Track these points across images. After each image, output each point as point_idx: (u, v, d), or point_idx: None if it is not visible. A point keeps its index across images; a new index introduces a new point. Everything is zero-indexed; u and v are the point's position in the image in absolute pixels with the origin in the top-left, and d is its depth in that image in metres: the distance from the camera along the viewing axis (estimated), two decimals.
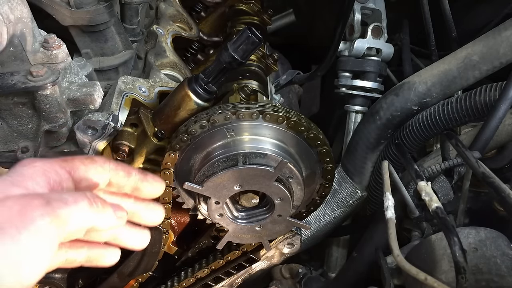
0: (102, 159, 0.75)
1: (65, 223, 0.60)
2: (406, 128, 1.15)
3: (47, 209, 0.58)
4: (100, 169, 0.74)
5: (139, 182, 0.78)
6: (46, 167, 0.67)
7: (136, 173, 0.77)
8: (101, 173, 0.74)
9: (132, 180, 0.77)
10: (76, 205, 0.62)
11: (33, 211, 0.57)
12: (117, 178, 0.76)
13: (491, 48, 1.04)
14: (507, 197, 0.82)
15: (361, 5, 1.48)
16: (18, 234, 0.55)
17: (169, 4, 1.43)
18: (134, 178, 0.77)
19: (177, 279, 1.24)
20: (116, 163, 0.77)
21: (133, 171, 0.78)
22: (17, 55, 0.83)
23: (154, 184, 0.79)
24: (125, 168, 0.77)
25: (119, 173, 0.76)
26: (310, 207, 1.08)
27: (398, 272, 1.02)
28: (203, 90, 0.95)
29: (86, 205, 0.63)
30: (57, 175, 0.67)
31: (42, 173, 0.65)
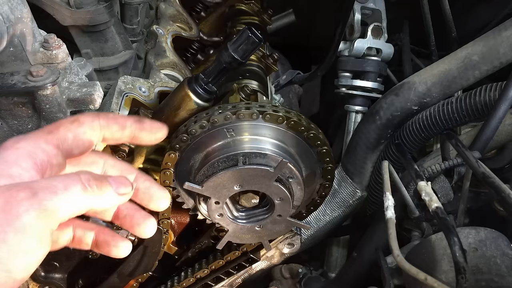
0: (89, 117, 0.69)
1: (54, 213, 0.56)
2: (406, 128, 1.15)
3: (32, 202, 0.54)
4: (89, 130, 0.68)
5: (136, 132, 0.73)
6: (30, 146, 0.62)
7: (132, 123, 0.72)
8: (92, 133, 0.69)
9: (128, 131, 0.72)
10: (67, 192, 0.57)
11: (18, 206, 0.53)
12: (111, 133, 0.71)
13: (491, 48, 1.04)
14: (507, 197, 0.82)
15: (361, 5, 1.49)
16: (3, 232, 0.52)
17: (169, 4, 1.43)
18: (130, 128, 0.72)
19: (177, 279, 1.24)
20: (106, 117, 0.71)
21: (127, 121, 0.72)
22: (17, 55, 0.83)
23: (153, 130, 0.74)
24: (119, 121, 0.71)
25: (112, 127, 0.71)
26: (310, 207, 1.08)
27: (398, 272, 1.02)
28: (203, 90, 0.95)
29: (79, 190, 0.58)
30: (44, 153, 0.62)
31: (27, 155, 0.60)
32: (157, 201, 0.73)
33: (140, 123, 0.73)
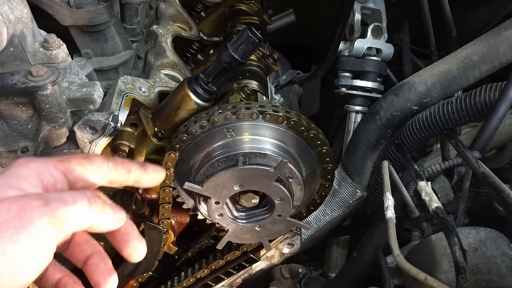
0: (100, 158, 0.74)
1: (64, 223, 0.59)
2: (406, 128, 1.15)
3: (45, 210, 0.58)
4: (98, 170, 0.73)
5: (140, 176, 0.77)
6: (41, 168, 0.67)
7: (136, 168, 0.77)
8: (99, 173, 0.73)
9: (132, 176, 0.77)
10: (75, 205, 0.61)
11: (32, 212, 0.57)
12: (117, 176, 0.75)
13: (491, 48, 1.04)
14: (507, 197, 0.82)
15: (361, 5, 1.49)
16: (16, 234, 0.55)
17: (169, 4, 1.43)
18: (135, 173, 0.77)
19: (177, 279, 1.24)
20: (115, 161, 0.76)
21: (132, 166, 0.77)
22: (17, 55, 0.83)
23: (155, 175, 0.79)
24: (125, 165, 0.76)
25: (119, 171, 0.75)
26: (310, 207, 1.08)
27: (398, 272, 1.02)
28: (203, 90, 0.95)
29: (85, 204, 0.62)
30: (51, 177, 0.67)
31: (36, 175, 0.65)
32: (131, 250, 0.74)
33: (144, 169, 0.78)
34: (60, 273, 0.75)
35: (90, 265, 0.74)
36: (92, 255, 0.75)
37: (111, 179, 0.75)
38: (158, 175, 0.81)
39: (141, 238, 0.75)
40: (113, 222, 0.68)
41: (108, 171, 0.74)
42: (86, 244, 0.76)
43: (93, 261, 0.74)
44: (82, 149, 0.94)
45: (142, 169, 0.78)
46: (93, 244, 0.77)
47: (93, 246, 0.77)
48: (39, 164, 0.67)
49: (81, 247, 0.76)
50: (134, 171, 0.77)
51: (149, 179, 0.79)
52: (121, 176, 0.76)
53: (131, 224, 0.76)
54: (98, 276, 0.72)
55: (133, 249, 0.74)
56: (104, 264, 0.74)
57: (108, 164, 0.74)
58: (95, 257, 0.75)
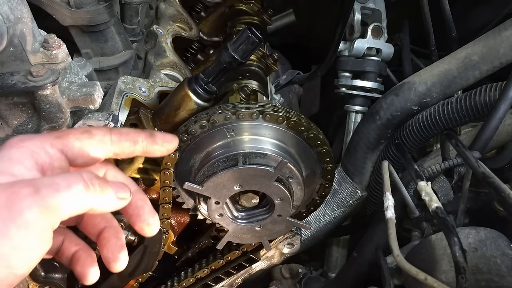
0: (101, 131, 0.69)
1: (57, 211, 0.56)
2: (406, 128, 1.15)
3: (35, 199, 0.54)
4: (99, 144, 0.68)
5: (148, 146, 0.73)
6: (35, 146, 0.62)
7: (144, 139, 0.72)
8: (101, 147, 0.69)
9: (140, 146, 0.72)
10: (69, 190, 0.57)
11: (21, 202, 0.54)
12: (122, 149, 0.71)
13: (491, 48, 1.04)
14: (507, 197, 0.82)
15: (361, 5, 1.49)
16: (5, 227, 0.52)
17: (169, 4, 1.43)
18: (142, 143, 0.72)
19: (177, 279, 1.24)
20: (119, 133, 0.71)
21: (139, 137, 0.72)
22: (17, 55, 0.83)
23: (165, 145, 0.75)
24: (130, 136, 0.71)
25: (124, 143, 0.71)
26: (310, 207, 1.08)
27: (398, 272, 1.02)
28: (203, 90, 0.95)
29: (81, 188, 0.58)
30: (47, 155, 0.63)
31: (30, 155, 0.61)
32: (145, 225, 0.71)
33: (152, 138, 0.73)
34: (76, 246, 0.72)
35: (102, 240, 0.71)
36: (105, 229, 0.71)
37: (115, 152, 0.71)
38: (169, 144, 0.76)
39: (154, 212, 0.72)
40: (115, 203, 0.63)
41: (111, 144, 0.70)
42: (98, 217, 0.73)
43: (105, 235, 0.71)
44: None
45: (150, 139, 0.73)
46: (106, 217, 0.73)
47: (106, 220, 0.73)
48: (33, 142, 0.62)
49: (93, 220, 0.72)
50: (141, 142, 0.72)
51: (159, 149, 0.75)
52: (127, 148, 0.71)
53: (143, 198, 0.72)
54: (108, 251, 0.69)
55: (145, 223, 0.71)
56: (115, 240, 0.71)
57: (110, 136, 0.70)
58: (107, 231, 0.71)
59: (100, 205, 0.61)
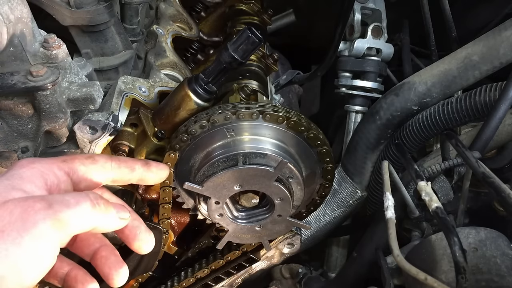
0: (103, 158, 0.75)
1: (67, 226, 0.60)
2: (406, 128, 1.15)
3: (49, 212, 0.58)
4: (101, 169, 0.74)
5: (143, 174, 0.79)
6: (44, 168, 0.67)
7: (140, 166, 0.78)
8: (103, 173, 0.74)
9: (136, 174, 0.78)
10: (79, 207, 0.61)
11: (35, 215, 0.57)
12: (121, 175, 0.76)
13: (491, 48, 1.04)
14: (507, 197, 0.82)
15: (361, 5, 1.49)
16: (19, 237, 0.55)
17: (169, 4, 1.43)
18: (138, 171, 0.78)
19: (177, 279, 1.24)
20: (118, 160, 0.76)
21: (136, 165, 0.78)
22: (17, 55, 0.83)
23: (159, 173, 0.82)
24: (128, 164, 0.77)
25: (122, 170, 0.76)
26: (310, 207, 1.08)
27: (398, 272, 1.02)
28: (203, 90, 0.95)
29: (89, 206, 0.63)
30: (55, 177, 0.67)
31: (40, 175, 0.65)
32: (141, 243, 0.76)
33: (147, 166, 0.80)
34: (68, 266, 0.76)
35: (100, 258, 0.74)
36: (100, 248, 0.76)
37: (114, 178, 0.76)
38: (162, 172, 0.83)
39: (149, 231, 0.77)
40: (116, 222, 0.68)
41: (112, 170, 0.75)
42: (92, 238, 0.77)
43: (102, 254, 0.75)
44: (82, 149, 0.94)
45: (145, 167, 0.80)
46: (100, 237, 0.78)
47: (100, 240, 0.77)
48: (42, 165, 0.67)
49: (87, 241, 0.77)
50: (137, 169, 0.78)
51: (152, 177, 0.81)
52: (125, 175, 0.77)
53: (138, 218, 0.77)
54: (109, 268, 0.73)
55: (142, 242, 0.76)
56: (114, 256, 0.75)
57: (111, 163, 0.75)
58: (104, 250, 0.75)
59: (103, 224, 0.66)
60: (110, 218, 0.67)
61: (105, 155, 0.78)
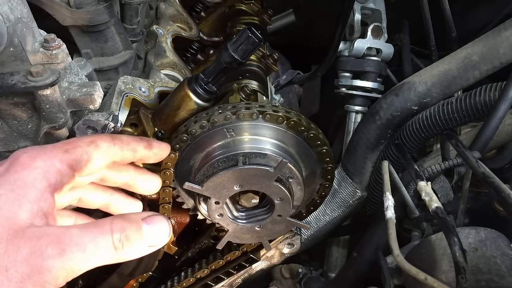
0: (106, 142, 0.73)
1: (78, 271, 0.57)
2: (406, 128, 1.15)
3: (60, 260, 0.55)
4: (104, 154, 0.72)
5: (145, 154, 0.80)
6: (46, 166, 0.64)
7: (143, 148, 0.79)
8: (105, 157, 0.73)
9: (138, 155, 0.78)
10: (96, 250, 0.58)
11: (43, 262, 0.54)
12: (123, 157, 0.76)
13: (491, 48, 1.04)
14: (507, 197, 0.82)
15: (361, 5, 1.49)
16: (21, 282, 0.53)
17: (169, 4, 1.43)
18: (140, 152, 0.79)
19: (177, 279, 1.24)
20: (121, 143, 0.75)
21: (138, 146, 0.78)
22: (17, 55, 0.83)
23: (160, 153, 0.83)
24: (131, 146, 0.77)
25: (125, 152, 0.76)
26: (310, 207, 1.08)
27: (398, 272, 1.02)
28: (203, 90, 0.95)
29: (109, 249, 0.59)
30: (58, 173, 0.65)
31: (43, 176, 0.63)
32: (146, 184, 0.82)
33: (150, 148, 0.80)
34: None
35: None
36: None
37: (116, 160, 0.76)
38: (163, 152, 0.84)
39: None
40: (143, 250, 0.64)
41: (114, 153, 0.74)
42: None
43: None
44: None
45: (148, 148, 0.80)
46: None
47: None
48: (44, 161, 0.64)
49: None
50: (140, 151, 0.78)
51: (153, 157, 0.82)
52: (127, 156, 0.77)
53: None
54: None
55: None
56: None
57: (114, 147, 0.74)
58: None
59: (126, 258, 0.62)
60: (135, 249, 0.62)
61: (107, 136, 0.75)
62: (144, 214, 0.65)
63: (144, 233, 0.63)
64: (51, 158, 0.65)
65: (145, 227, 0.63)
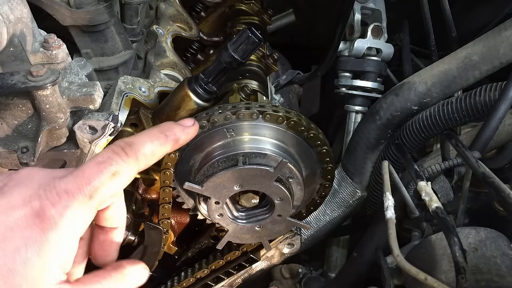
0: (128, 167, 0.64)
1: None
2: (406, 128, 1.15)
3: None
4: (127, 183, 0.66)
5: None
6: (80, 223, 0.61)
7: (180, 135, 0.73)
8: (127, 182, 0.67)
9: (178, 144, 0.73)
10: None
11: None
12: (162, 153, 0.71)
13: (491, 48, 1.04)
14: (507, 197, 0.82)
15: (361, 5, 1.49)
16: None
17: (169, 4, 1.43)
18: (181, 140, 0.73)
19: (177, 279, 1.24)
20: (145, 160, 0.67)
21: (180, 140, 0.72)
22: (17, 55, 0.83)
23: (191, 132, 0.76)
24: (171, 139, 0.71)
25: (165, 148, 0.71)
26: (310, 207, 1.08)
27: (398, 272, 1.02)
28: (203, 90, 0.95)
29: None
30: (88, 229, 0.66)
31: (75, 242, 0.62)
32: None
33: (183, 131, 0.73)
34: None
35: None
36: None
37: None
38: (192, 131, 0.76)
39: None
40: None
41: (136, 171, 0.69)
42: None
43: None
44: (82, 149, 0.94)
45: (181, 132, 0.73)
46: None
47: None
48: (74, 215, 0.59)
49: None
50: (181, 140, 0.73)
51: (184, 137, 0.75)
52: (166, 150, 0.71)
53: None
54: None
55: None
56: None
57: (138, 165, 0.66)
58: None
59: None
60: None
61: (130, 166, 0.65)
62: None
63: None
64: (83, 212, 0.61)
65: None
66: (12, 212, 0.57)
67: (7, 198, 0.59)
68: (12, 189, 0.60)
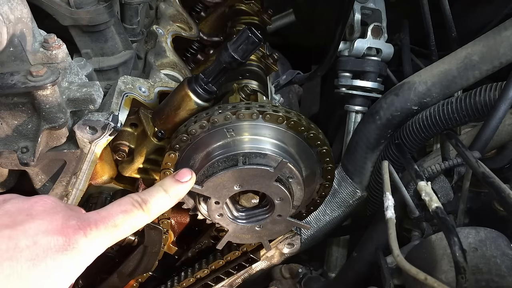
0: (141, 212, 0.78)
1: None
2: (406, 128, 1.15)
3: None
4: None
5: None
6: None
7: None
8: None
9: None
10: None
11: None
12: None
13: (491, 48, 1.04)
14: (507, 197, 0.82)
15: (361, 5, 1.49)
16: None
17: (169, 4, 1.43)
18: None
19: (177, 279, 1.24)
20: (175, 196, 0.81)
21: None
22: (17, 55, 0.83)
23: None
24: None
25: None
26: (310, 207, 1.08)
27: (398, 272, 1.02)
28: (203, 90, 0.95)
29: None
30: None
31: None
32: None
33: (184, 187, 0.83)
34: None
35: None
36: None
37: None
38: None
39: None
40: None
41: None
42: None
43: None
44: (82, 149, 0.94)
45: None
46: None
47: None
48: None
49: None
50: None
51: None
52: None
53: None
54: None
55: None
56: None
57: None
58: None
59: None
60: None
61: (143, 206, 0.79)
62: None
63: None
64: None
65: None
66: (46, 236, 0.63)
67: (40, 221, 0.64)
68: (40, 214, 0.66)
